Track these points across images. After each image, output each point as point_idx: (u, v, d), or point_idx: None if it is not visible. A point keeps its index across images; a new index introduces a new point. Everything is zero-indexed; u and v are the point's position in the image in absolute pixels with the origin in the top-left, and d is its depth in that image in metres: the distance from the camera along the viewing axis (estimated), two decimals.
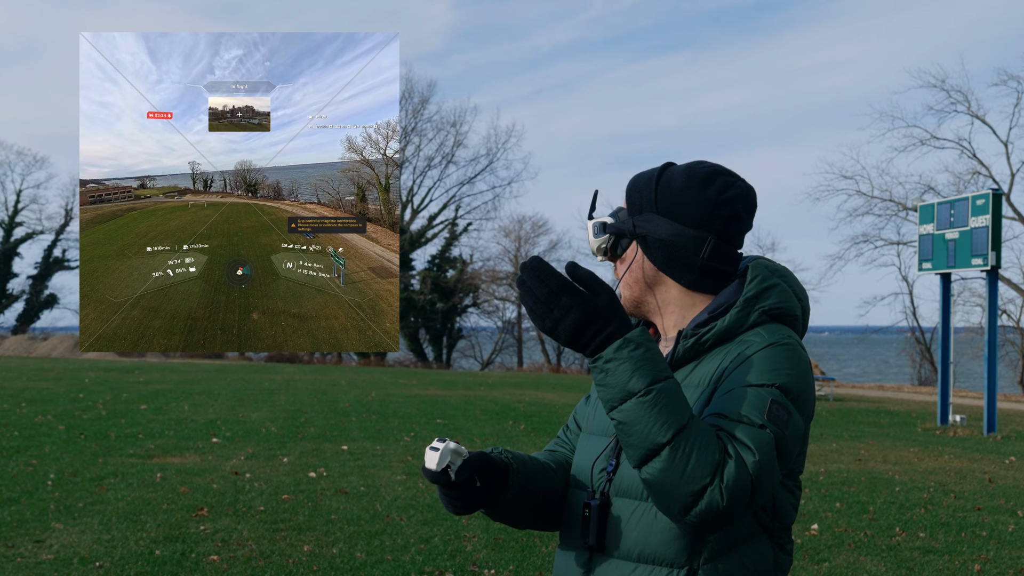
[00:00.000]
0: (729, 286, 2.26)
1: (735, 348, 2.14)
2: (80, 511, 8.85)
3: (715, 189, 2.26)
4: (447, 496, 2.17)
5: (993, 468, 13.49)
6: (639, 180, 2.34)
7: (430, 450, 2.09)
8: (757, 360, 2.09)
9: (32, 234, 59.47)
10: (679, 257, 2.25)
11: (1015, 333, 42.47)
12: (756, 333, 2.16)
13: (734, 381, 2.08)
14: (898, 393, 33.64)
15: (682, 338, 2.18)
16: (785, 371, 2.09)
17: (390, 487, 10.51)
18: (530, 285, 2.00)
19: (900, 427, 19.48)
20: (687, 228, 2.25)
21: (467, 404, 21.75)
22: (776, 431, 2.00)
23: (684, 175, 2.28)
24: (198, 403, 19.97)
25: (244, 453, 12.87)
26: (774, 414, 2.02)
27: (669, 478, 1.93)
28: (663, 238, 2.25)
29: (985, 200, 18.64)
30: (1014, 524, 9.41)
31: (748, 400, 2.03)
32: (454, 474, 2.10)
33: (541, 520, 2.35)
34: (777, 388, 2.06)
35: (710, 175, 2.28)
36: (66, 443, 13.34)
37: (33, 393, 21.10)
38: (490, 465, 2.20)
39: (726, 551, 2.08)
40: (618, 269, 2.34)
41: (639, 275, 2.29)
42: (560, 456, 2.44)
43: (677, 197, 2.27)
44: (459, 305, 53.43)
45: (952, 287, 21.05)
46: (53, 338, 49.96)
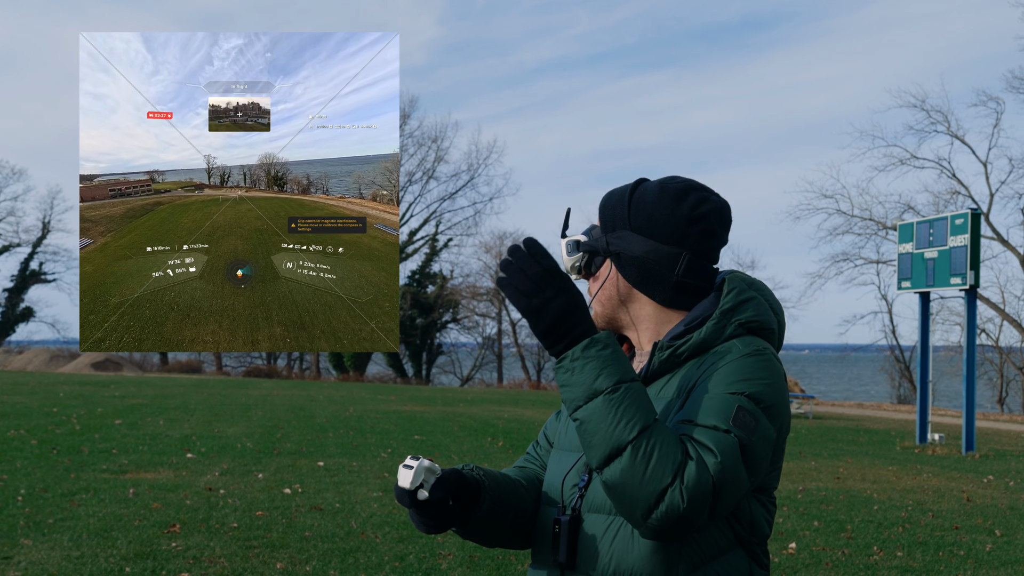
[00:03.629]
0: (705, 299, 2.23)
1: (709, 359, 2.12)
2: (50, 527, 8.71)
3: (688, 204, 2.24)
4: (419, 515, 2.13)
5: (971, 487, 13.49)
6: (612, 197, 2.32)
7: (403, 468, 2.04)
8: (729, 369, 2.07)
9: (8, 247, 59.06)
10: (653, 274, 2.23)
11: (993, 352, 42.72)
12: (731, 345, 2.13)
13: (704, 388, 2.05)
14: (877, 411, 33.72)
15: (658, 350, 2.16)
16: (757, 380, 2.06)
17: (366, 504, 10.40)
18: (521, 264, 1.99)
19: (879, 445, 19.49)
20: (661, 245, 2.22)
21: (446, 420, 21.64)
22: (742, 436, 1.97)
23: (657, 191, 2.26)
24: (174, 418, 19.79)
25: (219, 469, 12.74)
26: (740, 419, 1.99)
27: (631, 478, 1.90)
28: (637, 255, 2.23)
29: (964, 220, 18.73)
30: (992, 543, 9.38)
31: (714, 405, 2.00)
32: (428, 492, 2.05)
33: (512, 538, 2.31)
34: (747, 396, 2.03)
35: (683, 190, 2.25)
36: (38, 458, 13.16)
37: (6, 407, 20.87)
38: (463, 483, 2.16)
39: (703, 564, 2.05)
40: (591, 287, 2.31)
41: (612, 292, 2.27)
42: (531, 472, 2.40)
43: (650, 214, 2.24)
44: (439, 321, 53.34)
45: (931, 306, 21.12)
46: (28, 351, 49.57)
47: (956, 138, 40.47)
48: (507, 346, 54.00)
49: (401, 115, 53.21)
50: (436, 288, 53.31)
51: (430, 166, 54.69)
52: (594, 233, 2.30)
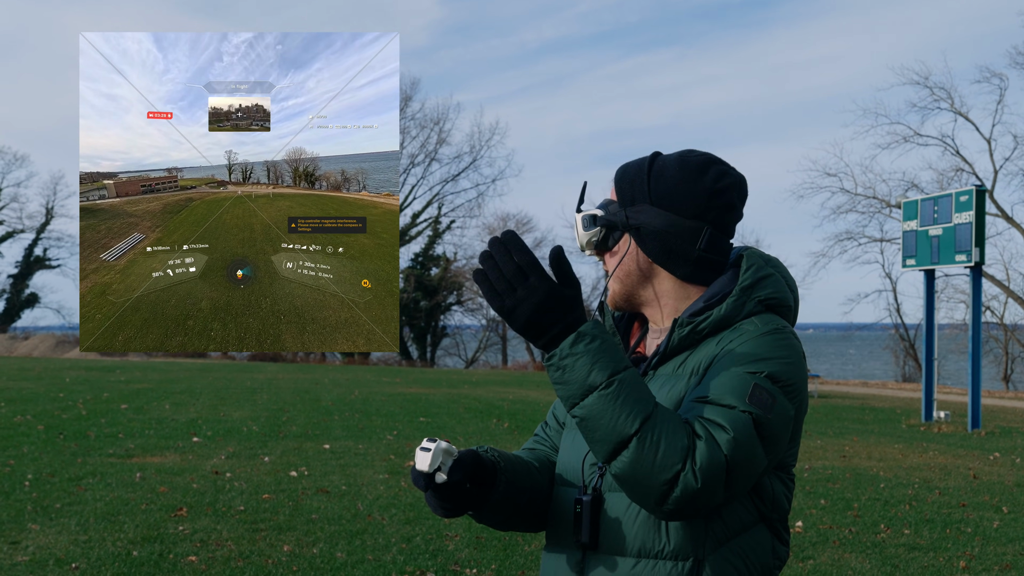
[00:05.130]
0: (723, 275, 2.21)
1: (728, 336, 2.10)
2: (57, 512, 8.73)
3: (710, 177, 2.21)
4: (436, 498, 2.07)
5: (978, 464, 13.49)
6: (629, 170, 2.27)
7: (420, 451, 1.98)
8: (748, 348, 2.05)
9: (12, 233, 59.06)
10: (675, 249, 2.19)
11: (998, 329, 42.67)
12: (750, 322, 2.11)
13: (722, 366, 2.03)
14: (882, 390, 33.72)
15: (677, 327, 2.13)
16: (776, 359, 2.04)
17: (372, 486, 10.41)
18: (497, 259, 1.90)
19: (884, 424, 19.49)
20: (683, 219, 2.19)
21: (451, 402, 21.67)
22: (757, 413, 1.95)
23: (677, 164, 2.22)
24: (179, 402, 19.82)
25: (225, 452, 12.76)
26: (756, 397, 1.97)
27: (640, 469, 1.88)
28: (658, 229, 2.19)
29: (968, 196, 18.67)
30: (999, 520, 9.38)
31: (731, 383, 1.99)
32: (446, 474, 1.99)
33: (525, 521, 2.28)
34: (765, 376, 2.01)
35: (704, 163, 2.22)
36: (45, 443, 13.19)
37: (13, 393, 20.91)
38: (480, 464, 2.12)
39: (728, 540, 2.05)
40: (608, 263, 2.26)
41: (632, 268, 2.22)
42: (541, 454, 2.37)
43: (672, 187, 2.21)
44: (443, 303, 53.33)
45: (936, 284, 21.07)
46: (34, 337, 49.65)
47: (960, 115, 40.32)
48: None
49: (403, 97, 53.10)
50: (440, 270, 53.29)
51: (432, 148, 54.58)
52: (611, 208, 2.25)
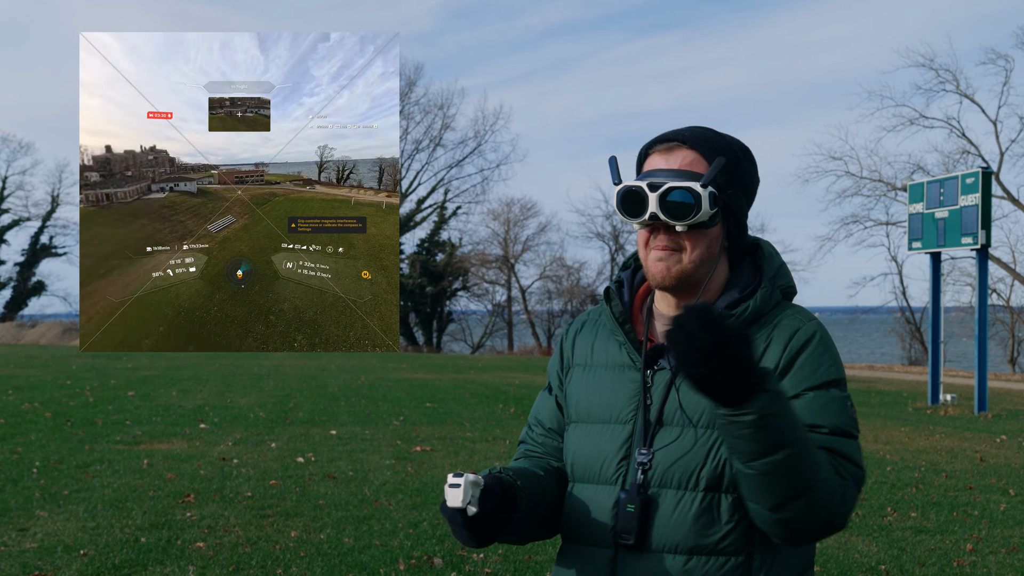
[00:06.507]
0: (742, 265, 2.21)
1: (774, 333, 2.11)
2: (65, 499, 8.76)
3: (756, 167, 2.25)
4: (468, 532, 2.01)
5: (984, 447, 13.47)
6: (732, 147, 2.18)
7: (450, 488, 1.95)
8: (819, 359, 2.08)
9: (18, 221, 59.14)
10: (743, 237, 2.20)
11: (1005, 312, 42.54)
12: (789, 316, 2.13)
13: (804, 380, 2.06)
14: (888, 373, 33.69)
15: None
16: (837, 363, 2.10)
17: (379, 472, 10.43)
18: (692, 329, 1.79)
19: (891, 407, 19.47)
20: (748, 209, 2.21)
21: (457, 387, 21.68)
22: (858, 434, 2.06)
23: (748, 151, 2.23)
24: (186, 389, 19.87)
25: (232, 439, 12.78)
26: (853, 417, 2.06)
27: (808, 515, 1.92)
28: (741, 218, 2.19)
29: (975, 179, 18.59)
30: (1006, 503, 9.37)
31: (835, 409, 2.04)
32: (476, 506, 1.96)
33: (542, 530, 2.23)
34: (842, 384, 2.08)
35: (749, 151, 2.25)
36: (52, 430, 13.23)
37: (20, 380, 20.96)
38: (504, 489, 2.05)
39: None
40: (689, 241, 2.11)
41: (712, 253, 2.14)
42: (542, 462, 2.30)
43: (750, 175, 2.22)
44: (449, 289, 53.34)
45: (942, 267, 21.01)
46: (41, 325, 49.76)
47: (965, 97, 40.12)
48: (517, 313, 54.02)
49: (407, 82, 53.01)
50: (445, 256, 53.27)
51: (437, 134, 54.52)
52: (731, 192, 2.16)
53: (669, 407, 2.10)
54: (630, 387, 2.16)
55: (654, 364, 2.15)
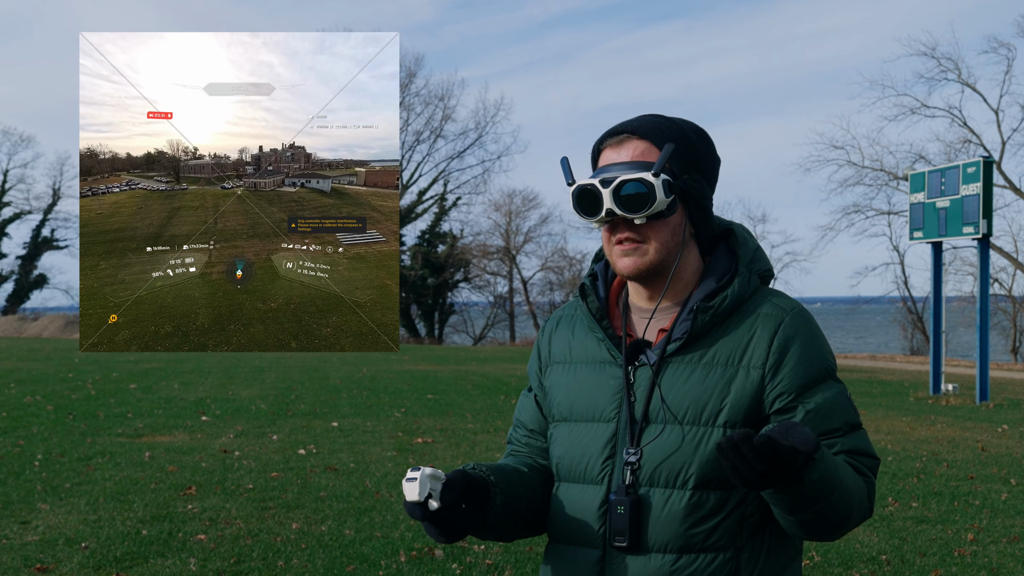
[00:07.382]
0: (717, 252, 2.16)
1: (758, 323, 2.07)
2: (67, 491, 8.77)
3: (713, 148, 2.19)
4: (434, 526, 1.99)
5: (986, 437, 13.47)
6: (686, 131, 2.13)
7: (407, 482, 1.92)
8: (810, 352, 2.07)
9: (20, 214, 59.10)
10: (709, 221, 2.15)
11: (1007, 301, 42.50)
12: (770, 304, 2.10)
13: (799, 377, 2.04)
14: (890, 363, 33.68)
15: (699, 312, 2.06)
16: (826, 351, 2.10)
17: (380, 463, 10.44)
18: (749, 456, 1.76)
19: (892, 396, 19.47)
20: (712, 192, 2.16)
21: (459, 379, 21.69)
22: (860, 416, 2.09)
23: (702, 134, 2.17)
24: (188, 381, 19.88)
25: (233, 431, 12.80)
26: (853, 405, 2.08)
27: (844, 527, 2.00)
28: (703, 202, 2.13)
29: (976, 168, 18.56)
30: (1007, 492, 9.37)
31: (840, 406, 2.05)
32: (438, 500, 1.93)
33: (527, 527, 2.20)
34: (834, 372, 2.09)
35: (704, 132, 2.19)
36: (54, 423, 13.25)
37: (22, 373, 20.99)
38: (470, 483, 2.02)
39: (763, 526, 2.04)
40: (651, 231, 2.08)
41: (678, 240, 2.11)
42: (527, 459, 2.28)
43: (709, 158, 2.16)
44: (450, 280, 53.29)
45: (943, 256, 20.99)
46: (44, 318, 49.78)
47: (967, 86, 40.01)
48: (519, 304, 53.99)
49: (407, 74, 52.93)
50: (446, 247, 53.23)
51: (437, 125, 54.41)
52: (688, 177, 2.11)
53: (654, 404, 2.06)
54: (612, 384, 2.12)
55: (635, 360, 2.11)
